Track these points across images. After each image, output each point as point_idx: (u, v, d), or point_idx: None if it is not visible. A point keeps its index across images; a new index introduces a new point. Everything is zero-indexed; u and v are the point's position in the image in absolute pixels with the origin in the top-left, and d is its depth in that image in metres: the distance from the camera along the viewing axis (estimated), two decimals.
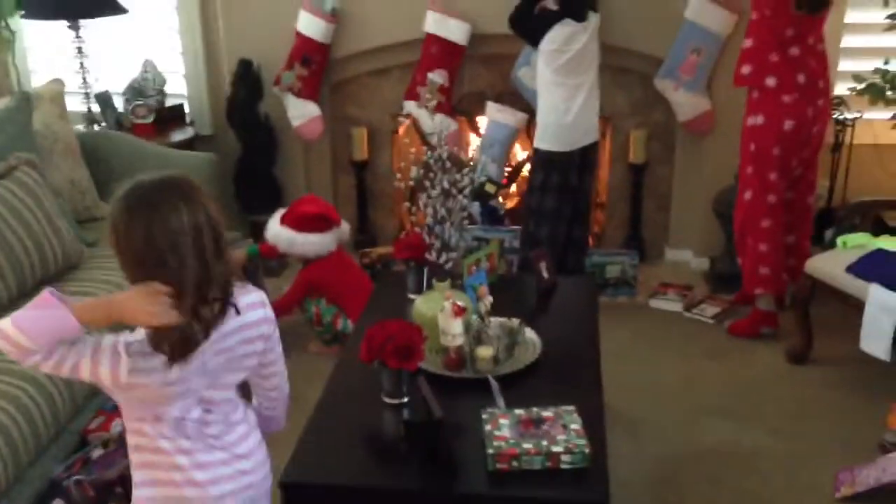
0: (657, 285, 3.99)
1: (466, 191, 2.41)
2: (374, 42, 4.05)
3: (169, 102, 4.15)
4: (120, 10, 3.72)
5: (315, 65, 4.00)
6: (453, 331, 2.29)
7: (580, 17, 3.49)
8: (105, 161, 3.41)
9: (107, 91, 3.92)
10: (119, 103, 3.99)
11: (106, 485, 2.36)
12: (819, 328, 3.34)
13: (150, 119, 3.89)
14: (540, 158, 3.66)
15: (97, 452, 2.40)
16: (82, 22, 3.74)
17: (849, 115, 3.99)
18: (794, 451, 2.83)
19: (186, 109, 4.24)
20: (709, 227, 4.11)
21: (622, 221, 4.31)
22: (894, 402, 2.80)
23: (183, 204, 1.50)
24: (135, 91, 3.98)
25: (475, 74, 4.13)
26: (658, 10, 3.85)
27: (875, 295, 2.92)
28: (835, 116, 3.99)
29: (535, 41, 3.56)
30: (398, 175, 3.71)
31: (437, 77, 3.95)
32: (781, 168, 3.36)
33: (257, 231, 3.97)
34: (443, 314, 2.30)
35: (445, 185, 2.37)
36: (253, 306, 1.67)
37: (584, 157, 3.64)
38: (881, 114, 3.93)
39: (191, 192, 1.53)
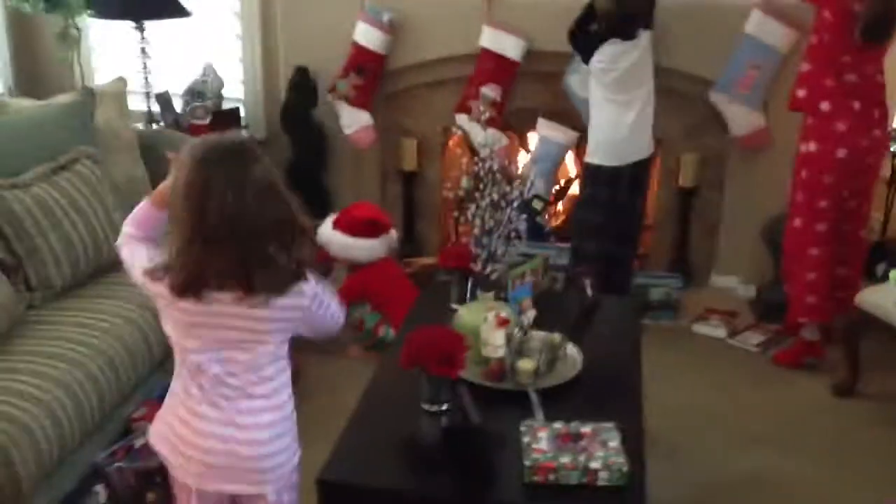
0: (702, 311, 3.95)
1: (515, 203, 2.42)
2: (428, 55, 4.09)
3: (225, 105, 4.22)
4: (184, 13, 3.81)
5: (370, 74, 4.05)
6: (495, 342, 2.29)
7: (628, 36, 3.48)
8: (163, 159, 3.47)
9: (167, 91, 4.02)
10: (178, 104, 4.08)
11: (147, 473, 2.40)
12: (867, 362, 3.28)
13: (207, 120, 3.97)
14: (590, 173, 3.66)
15: (140, 441, 2.44)
16: (147, 23, 3.84)
17: None
18: (834, 483, 2.78)
19: (242, 113, 4.31)
20: (757, 254, 4.06)
21: (669, 245, 4.28)
22: None
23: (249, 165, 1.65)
24: (194, 93, 4.06)
25: (528, 91, 4.14)
26: (713, 33, 3.82)
27: None
28: (892, 149, 3.94)
29: (586, 58, 3.57)
30: (448, 184, 3.72)
31: (490, 92, 3.96)
32: (832, 197, 3.32)
33: None
34: (486, 325, 2.30)
35: (495, 196, 2.38)
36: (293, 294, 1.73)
37: (635, 175, 3.62)
38: None
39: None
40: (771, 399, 3.29)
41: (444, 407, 2.19)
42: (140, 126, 3.82)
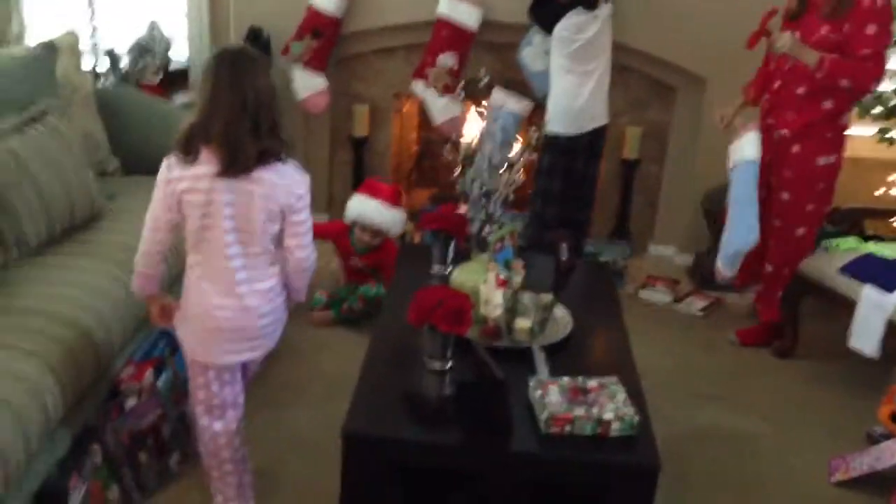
0: (645, 277, 4.12)
1: (518, 168, 2.47)
2: (385, 21, 4.09)
3: (172, 67, 4.10)
4: None
5: (325, 38, 4.01)
6: (495, 301, 2.36)
7: (591, 6, 3.58)
8: (118, 116, 3.38)
9: (114, 49, 3.85)
10: (124, 61, 3.92)
11: (139, 434, 2.36)
12: (802, 325, 3.53)
13: (157, 80, 3.85)
14: (550, 141, 3.74)
15: (131, 402, 2.40)
16: None
17: None
18: (786, 438, 2.99)
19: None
20: (692, 225, 4.27)
21: (611, 215, 4.45)
22: (880, 395, 2.97)
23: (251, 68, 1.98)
24: (141, 50, 3.91)
25: (482, 61, 4.19)
26: (664, 11, 3.96)
27: (868, 295, 3.09)
28: None
29: (549, 28, 3.65)
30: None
31: (447, 59, 4.00)
32: (830, 204, 3.44)
33: None
34: (486, 285, 2.37)
35: (496, 159, 2.44)
36: (285, 176, 2.04)
37: (592, 143, 3.74)
38: (860, 130, 4.15)
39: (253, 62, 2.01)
40: (718, 361, 3.49)
41: (449, 365, 2.25)
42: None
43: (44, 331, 2.18)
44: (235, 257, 2.05)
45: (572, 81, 3.63)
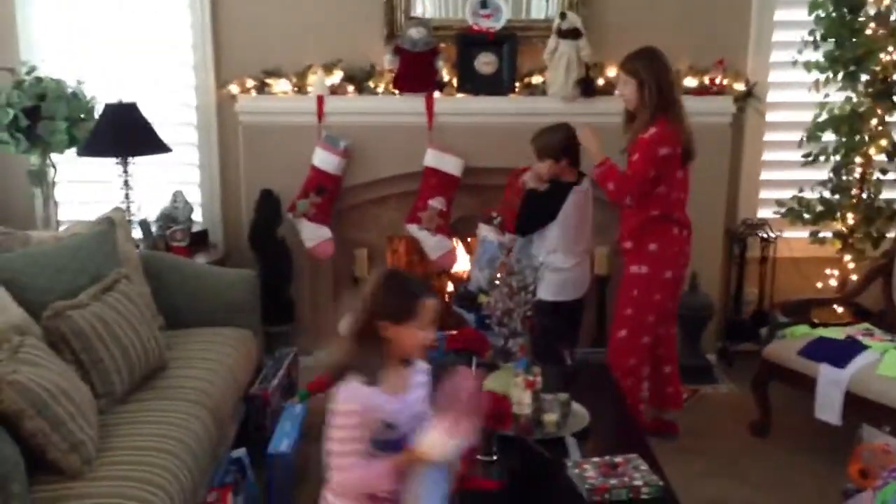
0: None
1: (530, 288, 2.99)
2: (379, 174, 4.67)
3: (195, 227, 4.59)
4: (165, 149, 4.21)
5: (328, 193, 4.56)
6: (525, 401, 2.82)
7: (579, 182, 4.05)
8: (158, 278, 3.81)
9: (146, 218, 4.35)
10: (154, 228, 4.41)
11: None
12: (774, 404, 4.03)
13: (186, 242, 4.33)
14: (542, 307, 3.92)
15: None
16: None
17: (771, 234, 4.86)
18: (779, 502, 3.43)
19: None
20: None
21: (590, 324, 4.96)
22: (848, 458, 3.44)
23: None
24: (167, 218, 4.41)
25: (462, 202, 4.77)
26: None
27: (825, 372, 3.63)
28: (760, 235, 4.86)
29: (553, 216, 4.01)
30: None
31: (437, 203, 4.58)
32: (659, 312, 3.79)
33: (272, 340, 4.43)
34: (516, 388, 2.83)
35: (514, 284, 2.95)
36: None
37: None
38: (796, 233, 4.81)
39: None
40: (707, 444, 3.95)
41: (495, 457, 2.68)
42: None
43: (156, 463, 2.57)
44: None
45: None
